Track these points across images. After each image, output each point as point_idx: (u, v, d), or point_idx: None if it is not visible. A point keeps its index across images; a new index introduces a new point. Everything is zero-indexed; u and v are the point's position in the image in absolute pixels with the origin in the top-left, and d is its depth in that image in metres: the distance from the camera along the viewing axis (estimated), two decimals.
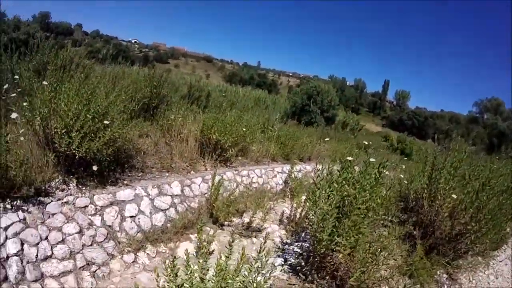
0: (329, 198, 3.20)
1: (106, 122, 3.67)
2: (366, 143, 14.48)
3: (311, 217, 3.35)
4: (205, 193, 4.77)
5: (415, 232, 4.06)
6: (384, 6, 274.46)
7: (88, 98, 3.72)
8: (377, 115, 79.18)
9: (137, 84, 6.25)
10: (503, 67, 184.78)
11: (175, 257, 1.99)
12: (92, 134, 3.71)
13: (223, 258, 2.00)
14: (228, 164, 6.02)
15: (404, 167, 6.17)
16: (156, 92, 6.36)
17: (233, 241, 2.08)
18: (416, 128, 67.96)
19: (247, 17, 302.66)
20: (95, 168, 3.67)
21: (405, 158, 15.24)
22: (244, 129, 5.96)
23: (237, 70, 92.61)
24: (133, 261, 3.46)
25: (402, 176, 5.22)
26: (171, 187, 4.47)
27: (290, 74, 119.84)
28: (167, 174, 4.71)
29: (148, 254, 3.63)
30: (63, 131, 3.59)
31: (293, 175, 6.36)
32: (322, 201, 3.20)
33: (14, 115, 3.45)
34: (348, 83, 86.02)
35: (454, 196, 4.02)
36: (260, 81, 63.07)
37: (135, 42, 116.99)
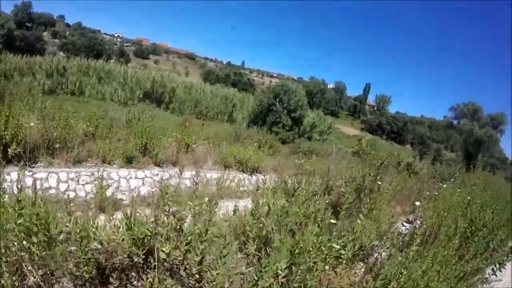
0: None
1: None
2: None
3: None
4: None
5: None
6: (369, 9, 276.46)
7: None
8: (357, 119, 78.46)
9: None
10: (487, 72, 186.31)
11: None
12: None
13: None
14: (30, 163, 5.10)
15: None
16: None
17: None
18: (395, 133, 67.39)
19: (235, 16, 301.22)
20: None
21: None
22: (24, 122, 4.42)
23: (220, 68, 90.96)
24: None
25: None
26: None
27: (274, 75, 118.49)
28: None
29: None
30: None
31: (105, 183, 4.74)
32: None
33: None
34: (329, 85, 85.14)
35: None
36: (235, 80, 61.47)
37: (118, 36, 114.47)
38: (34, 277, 2.14)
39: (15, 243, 1.91)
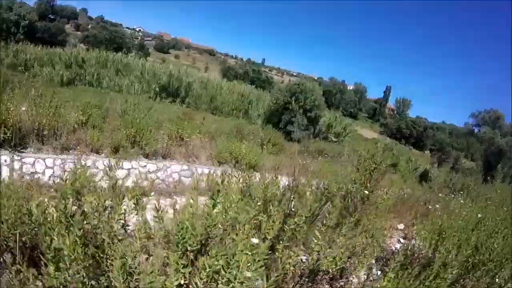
0: None
1: None
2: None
3: None
4: None
5: None
6: (394, 12, 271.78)
7: None
8: (376, 122, 76.94)
9: None
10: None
11: None
12: None
13: None
14: (20, 148, 5.45)
15: None
16: None
17: None
18: (414, 138, 65.71)
19: (257, 15, 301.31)
20: None
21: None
22: None
23: (240, 65, 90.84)
24: None
25: None
26: None
27: (294, 74, 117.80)
28: None
29: None
30: None
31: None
32: None
33: None
34: (349, 87, 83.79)
35: None
36: (253, 77, 61.11)
37: (139, 30, 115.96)
38: None
39: None
